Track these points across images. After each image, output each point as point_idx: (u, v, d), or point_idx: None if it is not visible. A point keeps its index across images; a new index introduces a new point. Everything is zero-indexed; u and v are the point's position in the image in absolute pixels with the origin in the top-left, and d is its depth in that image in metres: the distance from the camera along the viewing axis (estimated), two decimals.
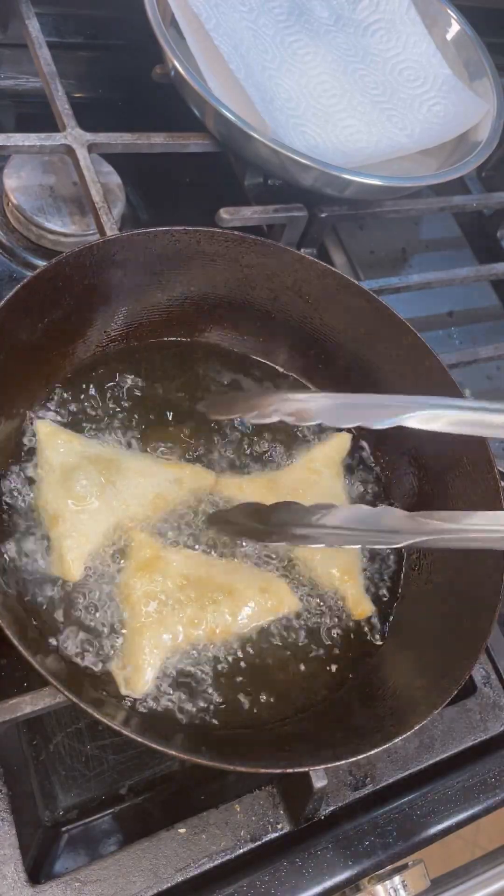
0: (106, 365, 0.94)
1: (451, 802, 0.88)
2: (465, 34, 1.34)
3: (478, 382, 1.32)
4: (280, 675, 0.82)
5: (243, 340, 1.02)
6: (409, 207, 1.28)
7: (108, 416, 0.91)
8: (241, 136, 1.08)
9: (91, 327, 0.92)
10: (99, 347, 0.94)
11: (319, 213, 1.18)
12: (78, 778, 0.84)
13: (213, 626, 0.81)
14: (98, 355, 0.94)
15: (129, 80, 1.34)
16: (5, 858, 0.72)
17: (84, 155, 1.07)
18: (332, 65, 1.28)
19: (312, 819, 0.82)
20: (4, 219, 1.15)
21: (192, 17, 1.15)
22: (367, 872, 0.82)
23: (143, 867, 0.75)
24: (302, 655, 0.84)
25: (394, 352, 0.96)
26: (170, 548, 0.83)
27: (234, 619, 0.82)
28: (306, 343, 1.01)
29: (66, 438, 0.85)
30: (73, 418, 0.89)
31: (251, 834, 0.80)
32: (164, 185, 1.31)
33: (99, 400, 0.92)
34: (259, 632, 0.83)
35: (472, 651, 0.77)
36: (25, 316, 0.83)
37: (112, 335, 0.95)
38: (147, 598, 0.79)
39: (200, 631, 0.80)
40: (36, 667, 0.66)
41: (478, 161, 1.20)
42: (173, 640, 0.79)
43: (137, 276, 0.92)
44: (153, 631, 0.78)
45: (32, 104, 1.30)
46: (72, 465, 0.83)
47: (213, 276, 0.96)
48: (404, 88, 1.31)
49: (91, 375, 0.93)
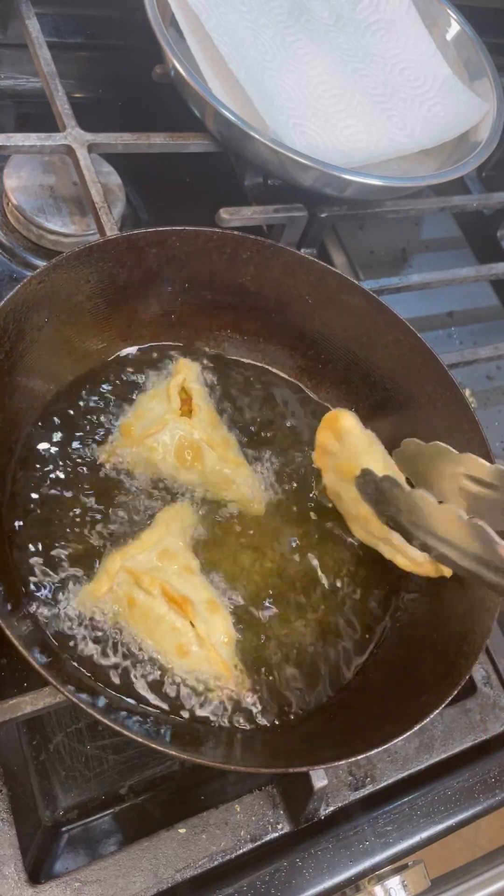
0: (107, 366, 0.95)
1: (451, 802, 0.88)
2: (465, 34, 1.34)
3: (478, 382, 1.32)
4: (280, 675, 0.82)
5: (243, 340, 1.02)
6: (409, 207, 1.28)
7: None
8: (241, 136, 1.08)
9: (90, 330, 0.92)
10: (98, 350, 0.94)
11: (319, 213, 1.18)
12: (78, 778, 0.84)
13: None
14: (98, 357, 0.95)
15: (129, 80, 1.34)
16: (5, 858, 0.73)
17: (84, 155, 1.07)
18: (332, 65, 1.28)
19: (312, 819, 0.82)
20: (4, 219, 1.15)
21: (192, 17, 1.15)
22: (367, 872, 0.82)
23: (143, 867, 0.75)
24: (302, 655, 0.84)
25: (394, 352, 0.96)
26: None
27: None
28: (306, 343, 1.01)
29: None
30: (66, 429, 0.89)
31: (251, 834, 0.80)
32: (164, 185, 1.31)
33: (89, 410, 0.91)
34: (260, 631, 0.83)
35: (472, 651, 0.77)
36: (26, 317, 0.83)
37: (112, 336, 0.95)
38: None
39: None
40: (36, 667, 0.66)
41: (478, 161, 1.20)
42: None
43: (137, 276, 0.92)
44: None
45: (32, 104, 1.30)
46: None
47: (213, 276, 0.96)
48: (404, 88, 1.31)
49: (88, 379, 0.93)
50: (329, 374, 1.01)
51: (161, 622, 0.78)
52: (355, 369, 0.99)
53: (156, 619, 0.78)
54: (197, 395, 0.93)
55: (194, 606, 0.79)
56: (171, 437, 0.89)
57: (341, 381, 1.01)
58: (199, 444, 0.89)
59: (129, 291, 0.93)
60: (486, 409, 1.30)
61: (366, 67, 1.31)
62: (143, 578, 0.78)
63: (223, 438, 0.93)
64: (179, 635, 0.78)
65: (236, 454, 0.92)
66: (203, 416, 0.92)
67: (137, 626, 0.78)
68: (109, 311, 0.93)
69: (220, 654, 0.79)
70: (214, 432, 0.92)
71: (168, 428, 0.89)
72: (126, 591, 0.79)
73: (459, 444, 0.90)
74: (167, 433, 0.89)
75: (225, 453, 0.91)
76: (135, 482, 0.88)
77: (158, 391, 0.93)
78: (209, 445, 0.90)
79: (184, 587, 0.80)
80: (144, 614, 0.78)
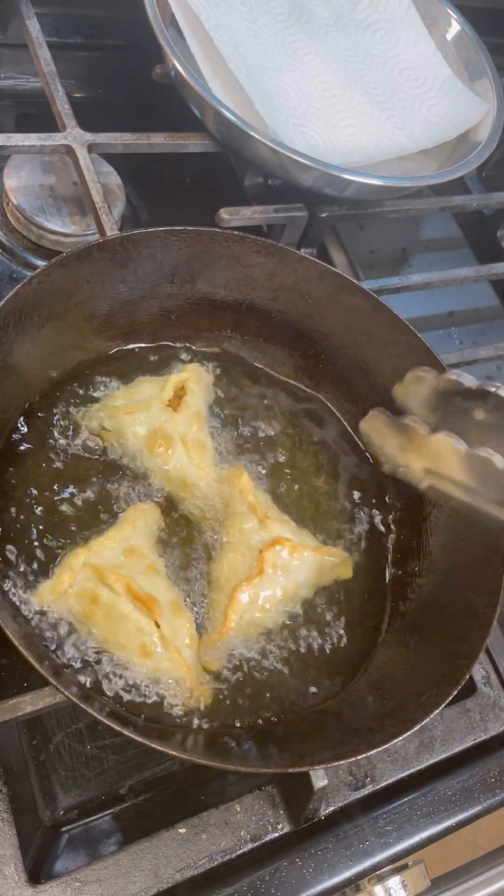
0: (106, 365, 0.95)
1: (451, 802, 0.88)
2: (465, 34, 1.34)
3: None
4: (280, 675, 0.82)
5: (243, 340, 1.02)
6: (409, 207, 1.28)
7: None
8: (241, 136, 1.08)
9: (90, 328, 0.92)
10: (98, 348, 0.94)
11: (319, 213, 1.18)
12: (78, 778, 0.84)
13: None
14: (97, 357, 0.94)
15: (129, 80, 1.34)
16: (5, 858, 0.73)
17: (84, 155, 1.07)
18: (332, 65, 1.28)
19: (312, 819, 0.82)
20: (4, 219, 1.15)
21: (192, 17, 1.15)
22: (367, 872, 0.82)
23: (143, 867, 0.75)
24: (302, 655, 0.84)
25: (394, 352, 0.96)
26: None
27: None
28: (306, 343, 1.01)
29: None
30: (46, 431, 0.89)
31: (251, 834, 0.80)
32: (164, 185, 1.31)
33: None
34: (259, 632, 0.83)
35: (472, 651, 0.77)
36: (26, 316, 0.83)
37: (112, 336, 0.95)
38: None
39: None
40: (36, 666, 0.66)
41: (478, 161, 1.20)
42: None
43: (137, 276, 0.92)
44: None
45: (32, 104, 1.30)
46: None
47: (213, 276, 0.96)
48: (404, 88, 1.31)
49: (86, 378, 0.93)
50: (329, 374, 1.01)
51: (125, 621, 0.75)
52: (355, 369, 0.99)
53: (119, 617, 0.75)
54: (192, 395, 0.93)
55: (160, 606, 0.77)
56: (149, 420, 0.89)
57: (341, 381, 1.01)
58: (174, 437, 0.89)
59: (129, 291, 0.93)
60: None
61: (366, 67, 1.31)
62: (109, 575, 0.76)
63: (200, 442, 0.91)
64: (143, 635, 0.75)
65: (207, 461, 0.90)
66: (188, 414, 0.91)
67: (99, 624, 0.76)
68: (109, 311, 0.93)
69: (184, 657, 0.76)
70: (193, 433, 0.90)
71: (151, 412, 0.89)
72: (89, 587, 0.77)
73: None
74: (147, 416, 0.89)
75: (196, 456, 0.89)
76: (101, 457, 0.88)
77: (156, 379, 0.93)
78: (182, 442, 0.89)
79: (149, 586, 0.78)
80: (107, 612, 0.76)
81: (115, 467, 0.88)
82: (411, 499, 0.95)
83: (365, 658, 0.86)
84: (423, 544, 0.92)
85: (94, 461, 0.88)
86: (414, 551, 0.92)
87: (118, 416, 0.89)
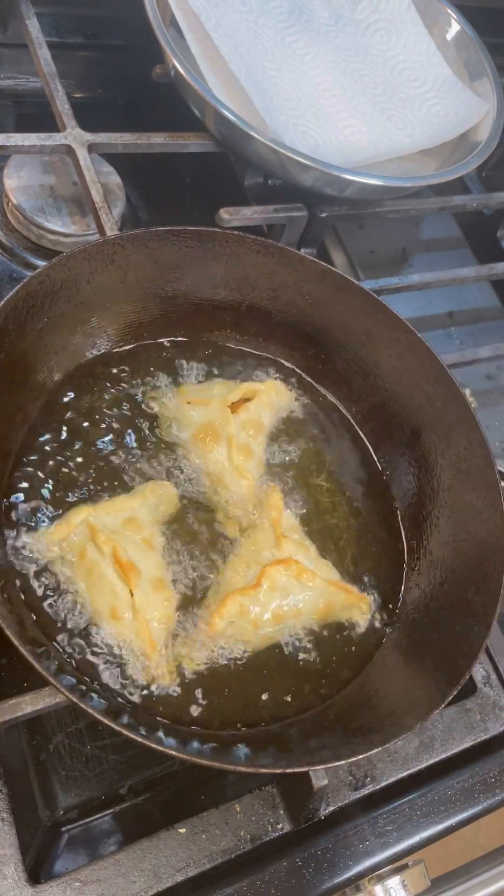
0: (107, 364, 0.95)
1: (451, 802, 0.88)
2: (465, 34, 1.34)
3: (478, 382, 1.32)
4: (280, 675, 0.82)
5: (244, 340, 1.02)
6: (409, 207, 1.28)
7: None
8: (241, 136, 1.08)
9: (91, 328, 0.92)
10: (98, 348, 0.94)
11: (319, 213, 1.18)
12: (78, 778, 0.84)
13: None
14: (97, 357, 0.94)
15: (129, 80, 1.34)
16: (5, 858, 0.72)
17: (84, 155, 1.07)
18: (332, 65, 1.28)
19: (312, 819, 0.82)
20: (4, 219, 1.15)
21: (192, 17, 1.15)
22: (367, 872, 0.82)
23: (143, 867, 0.75)
24: (302, 656, 0.84)
25: (394, 352, 0.96)
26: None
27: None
28: (306, 343, 1.01)
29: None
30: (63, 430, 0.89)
31: (251, 834, 0.80)
32: (164, 185, 1.31)
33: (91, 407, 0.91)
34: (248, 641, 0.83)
35: (472, 651, 0.77)
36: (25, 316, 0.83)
37: (112, 336, 0.95)
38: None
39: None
40: (36, 666, 0.66)
41: (478, 161, 1.20)
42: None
43: (137, 276, 0.92)
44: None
45: (32, 104, 1.30)
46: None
47: (214, 275, 0.96)
48: (404, 88, 1.31)
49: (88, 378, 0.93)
50: (329, 374, 1.01)
51: (102, 581, 0.78)
52: (355, 369, 0.99)
53: (98, 576, 0.78)
54: (258, 403, 0.93)
55: (140, 577, 0.78)
56: (206, 413, 0.91)
57: (341, 381, 1.01)
58: (221, 435, 0.89)
59: (129, 291, 0.93)
60: (486, 409, 1.30)
61: (366, 67, 1.31)
62: (99, 536, 0.79)
63: (247, 447, 0.91)
64: (116, 598, 0.78)
65: (250, 468, 0.90)
66: (245, 419, 0.92)
67: (80, 578, 0.79)
68: (109, 311, 0.93)
69: (150, 630, 0.77)
70: (244, 437, 0.91)
71: (210, 407, 0.91)
72: (80, 542, 0.80)
73: (459, 443, 0.91)
74: (206, 409, 0.91)
75: (239, 460, 0.89)
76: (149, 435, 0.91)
77: (228, 383, 0.96)
78: (229, 444, 0.89)
79: (137, 557, 0.80)
80: (89, 569, 0.79)
81: (160, 445, 0.90)
82: (411, 498, 0.95)
83: (365, 658, 0.86)
84: (423, 544, 0.92)
85: (145, 433, 0.91)
86: (414, 551, 0.92)
87: (182, 402, 0.92)
